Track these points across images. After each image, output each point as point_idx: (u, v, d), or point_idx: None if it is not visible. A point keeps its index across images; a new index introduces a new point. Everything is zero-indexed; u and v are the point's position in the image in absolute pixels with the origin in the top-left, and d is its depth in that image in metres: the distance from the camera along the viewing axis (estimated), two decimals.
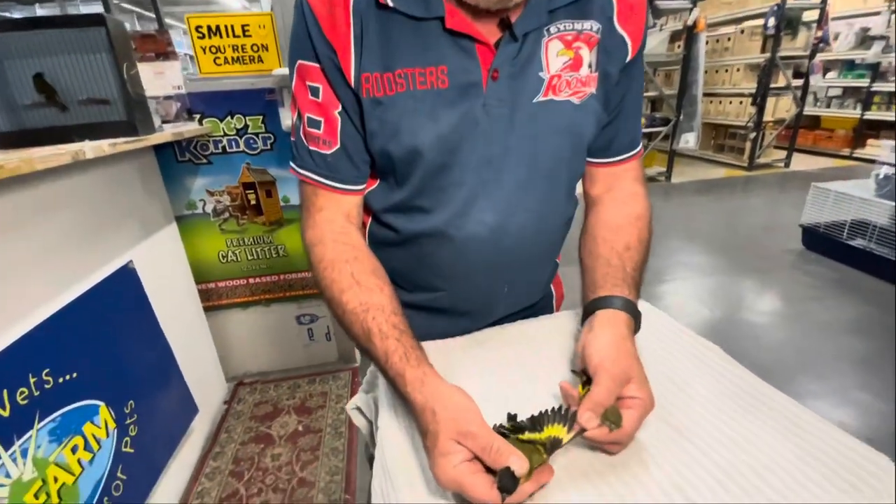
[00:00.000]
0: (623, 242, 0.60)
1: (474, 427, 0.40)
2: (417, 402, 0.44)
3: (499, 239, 0.59)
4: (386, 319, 0.50)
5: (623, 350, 0.48)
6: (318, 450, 1.58)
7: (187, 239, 1.56)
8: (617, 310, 0.53)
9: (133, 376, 1.17)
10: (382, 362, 0.49)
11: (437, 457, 0.40)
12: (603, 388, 0.44)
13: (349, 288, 0.53)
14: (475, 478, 0.39)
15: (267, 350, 1.87)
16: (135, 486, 1.13)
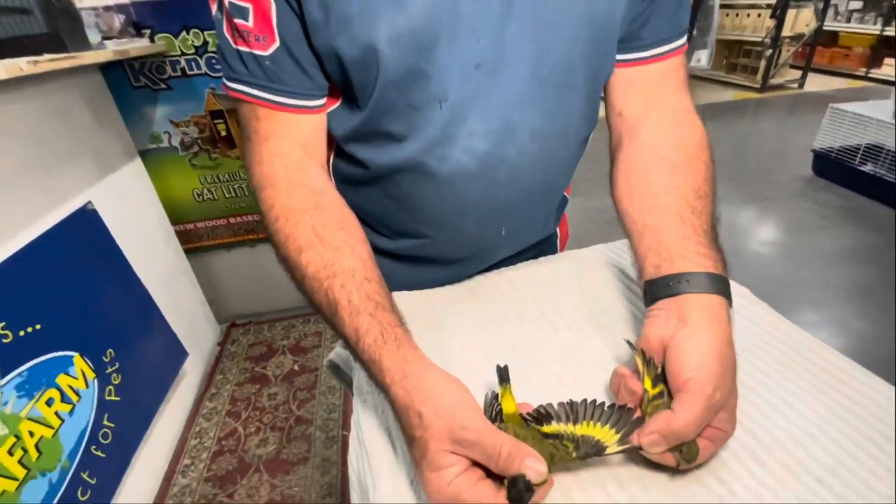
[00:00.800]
0: (692, 187, 0.44)
1: (472, 431, 0.31)
2: (398, 399, 0.34)
3: (493, 171, 0.48)
4: (357, 288, 0.39)
5: (727, 366, 0.35)
6: (315, 388, 1.57)
7: (156, 176, 1.43)
8: (714, 294, 0.38)
9: (109, 324, 1.11)
10: (353, 343, 0.38)
11: (428, 472, 0.31)
12: (690, 417, 0.32)
13: (309, 246, 0.41)
14: (477, 491, 0.30)
15: (258, 291, 1.81)
16: (126, 431, 1.11)
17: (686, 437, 0.32)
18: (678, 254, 0.40)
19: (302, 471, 1.29)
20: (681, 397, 0.33)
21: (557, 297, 0.54)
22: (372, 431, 0.40)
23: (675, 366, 0.35)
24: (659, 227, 0.43)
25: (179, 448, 1.37)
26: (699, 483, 0.34)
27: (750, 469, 0.34)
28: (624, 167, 0.49)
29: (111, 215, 1.18)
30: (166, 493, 1.25)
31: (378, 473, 0.36)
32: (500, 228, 0.54)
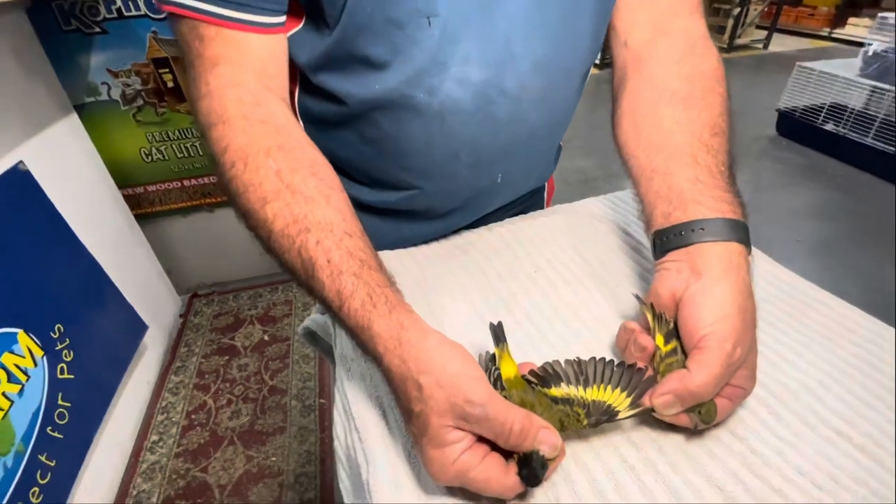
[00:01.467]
0: (707, 123, 0.39)
1: (479, 405, 0.27)
2: (394, 369, 0.30)
3: (491, 107, 0.42)
4: (336, 244, 0.33)
5: (748, 320, 0.32)
6: (288, 357, 1.52)
7: (96, 134, 1.29)
8: (732, 242, 0.34)
9: (55, 297, 1.01)
10: (335, 308, 0.32)
11: (430, 449, 0.28)
12: (708, 376, 0.29)
13: (275, 195, 0.34)
14: (485, 468, 0.27)
15: (219, 260, 1.71)
16: (84, 411, 1.03)
17: (703, 398, 0.30)
18: (691, 199, 0.36)
19: (279, 441, 1.26)
20: (697, 355, 0.31)
21: (553, 253, 0.51)
22: (360, 403, 0.36)
23: (690, 321, 0.32)
24: (669, 171, 0.38)
25: (146, 424, 1.31)
26: (717, 441, 0.32)
27: (766, 423, 0.33)
28: (629, 103, 0.44)
29: (47, 177, 1.05)
30: (135, 471, 1.20)
31: (371, 449, 0.32)
32: (496, 175, 0.49)
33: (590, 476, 0.30)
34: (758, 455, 0.30)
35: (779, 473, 0.29)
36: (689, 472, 0.30)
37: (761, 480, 0.29)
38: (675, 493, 0.29)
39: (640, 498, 0.29)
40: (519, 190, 0.56)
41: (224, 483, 1.17)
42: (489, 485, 0.27)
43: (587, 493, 0.29)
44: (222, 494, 1.14)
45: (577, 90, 0.49)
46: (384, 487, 0.30)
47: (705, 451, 0.31)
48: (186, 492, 1.15)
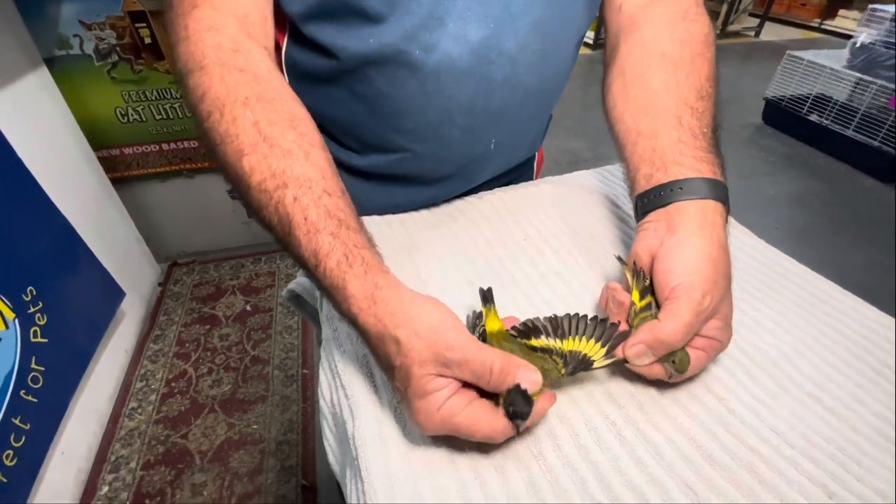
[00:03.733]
0: (694, 86, 0.39)
1: (458, 349, 0.27)
2: (369, 328, 0.29)
3: (488, 68, 0.41)
4: (314, 202, 0.31)
5: (719, 271, 0.32)
6: (270, 328, 1.51)
7: (68, 90, 1.22)
8: (708, 199, 0.35)
9: (25, 259, 0.98)
10: (312, 268, 0.32)
11: (415, 401, 0.28)
12: (679, 324, 0.30)
13: (252, 148, 0.32)
14: (472, 411, 0.28)
15: (200, 228, 1.67)
16: (59, 375, 1.01)
17: (674, 346, 0.31)
18: (672, 160, 0.37)
19: (260, 409, 1.26)
20: (668, 305, 0.32)
21: (542, 222, 0.51)
22: (346, 361, 0.35)
23: (663, 274, 0.33)
24: (654, 133, 0.39)
25: (124, 391, 1.29)
26: (695, 399, 0.33)
27: (744, 384, 0.34)
28: (620, 67, 0.44)
29: (14, 133, 1.00)
30: (113, 437, 1.19)
31: (357, 404, 0.32)
32: (489, 140, 0.48)
33: (572, 431, 0.31)
34: (735, 415, 0.31)
35: (754, 432, 0.30)
36: (669, 428, 0.31)
37: (737, 439, 0.30)
38: (655, 447, 0.30)
39: (621, 451, 0.30)
40: (511, 158, 0.56)
41: (205, 449, 1.17)
42: (477, 428, 0.27)
43: (570, 446, 0.30)
44: (203, 460, 1.14)
45: (572, 57, 0.48)
46: (369, 441, 0.30)
47: (684, 409, 0.32)
48: (166, 457, 1.15)
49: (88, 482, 1.08)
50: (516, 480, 0.28)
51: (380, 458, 0.29)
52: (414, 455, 0.29)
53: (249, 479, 1.11)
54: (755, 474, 0.28)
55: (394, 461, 0.29)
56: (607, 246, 0.47)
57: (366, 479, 0.28)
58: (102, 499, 1.06)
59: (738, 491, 0.27)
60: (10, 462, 0.82)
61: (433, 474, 0.28)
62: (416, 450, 0.29)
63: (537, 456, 0.29)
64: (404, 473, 0.28)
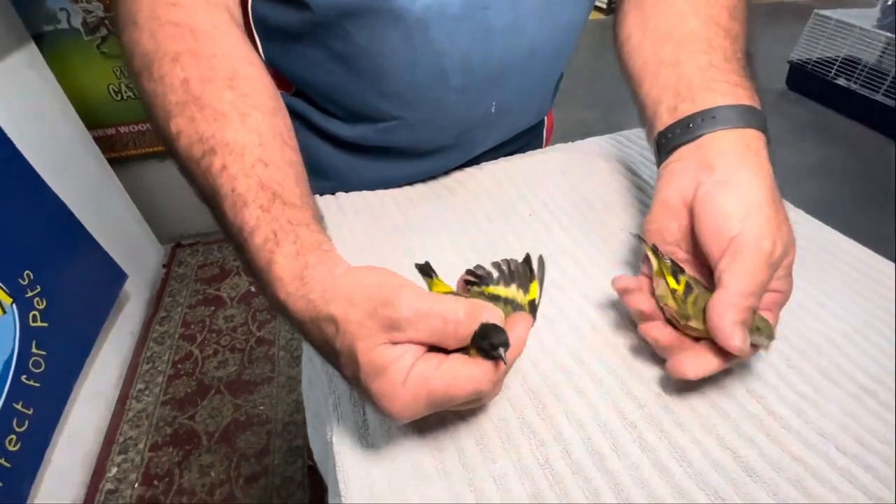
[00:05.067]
0: (725, 5, 0.34)
1: (404, 304, 0.22)
2: (300, 314, 0.24)
3: (485, 13, 0.35)
4: (245, 172, 0.27)
5: (781, 210, 0.27)
6: None
7: (59, 67, 1.18)
8: (749, 128, 0.29)
9: (20, 242, 0.95)
10: (239, 247, 0.27)
11: (373, 382, 0.22)
12: (754, 284, 0.25)
13: (180, 109, 0.28)
14: (446, 370, 0.22)
15: (202, 208, 1.59)
16: (62, 359, 1.00)
17: (755, 304, 0.25)
18: (702, 87, 0.31)
19: (266, 390, 1.25)
20: (731, 263, 0.25)
21: (550, 194, 0.46)
22: None
23: (712, 224, 0.27)
24: (679, 60, 0.33)
25: (130, 373, 1.29)
26: (729, 398, 0.28)
27: (785, 378, 0.29)
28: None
29: (4, 112, 0.97)
30: (121, 418, 1.19)
31: (337, 403, 0.28)
32: (489, 102, 0.42)
33: (584, 434, 0.27)
34: (776, 416, 0.27)
35: (798, 437, 0.26)
36: (698, 431, 0.26)
37: (779, 446, 0.26)
38: (682, 453, 0.25)
39: (642, 457, 0.25)
40: (515, 124, 0.50)
41: (212, 430, 1.16)
42: (458, 386, 0.22)
43: (581, 452, 0.26)
44: (210, 441, 1.14)
45: (585, 5, 0.42)
46: (349, 446, 0.26)
47: (717, 410, 0.27)
48: (174, 439, 1.15)
49: (97, 464, 1.08)
50: (518, 493, 0.24)
51: (360, 468, 0.25)
52: (400, 463, 0.25)
53: (256, 460, 1.10)
54: (803, 490, 0.23)
55: (376, 471, 0.25)
56: (625, 218, 0.42)
57: (343, 493, 0.24)
58: (111, 480, 1.07)
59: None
60: (13, 447, 0.82)
61: (422, 486, 0.24)
62: (403, 457, 0.26)
63: (543, 464, 0.25)
64: (388, 485, 0.24)
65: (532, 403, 0.28)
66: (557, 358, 0.31)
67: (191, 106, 0.28)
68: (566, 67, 0.49)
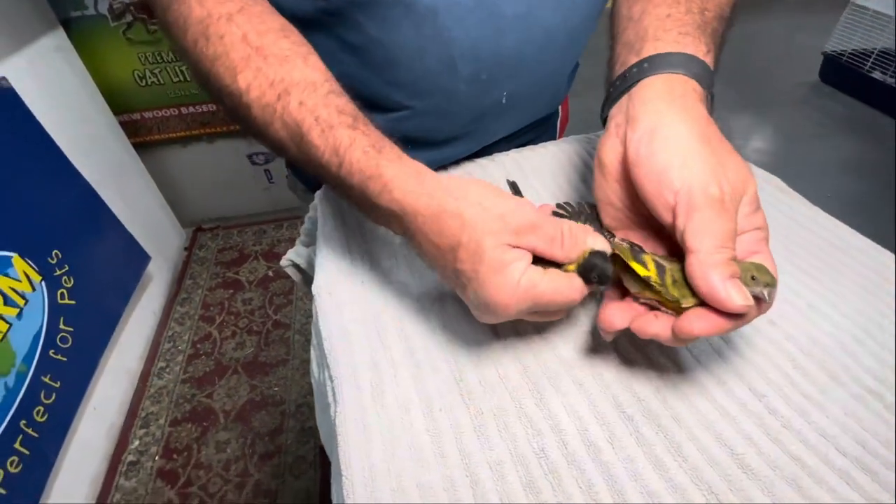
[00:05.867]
0: None
1: (528, 214, 0.25)
2: (422, 209, 0.26)
3: (496, 7, 0.35)
4: (323, 101, 0.29)
5: (718, 145, 0.26)
6: (292, 294, 1.52)
7: (86, 53, 1.21)
8: (674, 73, 0.28)
9: (50, 222, 0.99)
10: (335, 168, 0.28)
11: (492, 276, 0.24)
12: (720, 236, 0.23)
13: (245, 63, 0.30)
14: (551, 278, 0.25)
15: (222, 194, 1.67)
16: (88, 335, 1.05)
17: (733, 259, 0.23)
18: (651, 37, 0.30)
19: (281, 372, 1.29)
20: (686, 221, 0.23)
21: (560, 188, 0.45)
22: (333, 337, 0.32)
23: (650, 183, 0.25)
24: (643, 13, 0.32)
25: (153, 351, 1.34)
26: (730, 396, 0.28)
27: (791, 378, 0.29)
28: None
29: (34, 96, 1.00)
30: (143, 394, 1.24)
31: (340, 386, 0.29)
32: (500, 92, 0.42)
33: (581, 425, 0.27)
34: (777, 416, 0.27)
35: (798, 437, 0.26)
36: (696, 427, 0.26)
37: (778, 445, 0.25)
38: (678, 448, 0.26)
39: (637, 451, 0.26)
40: (527, 115, 0.49)
41: (228, 409, 1.20)
42: (560, 293, 0.25)
43: (577, 443, 0.26)
44: (226, 419, 1.18)
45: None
46: (351, 429, 0.27)
47: (716, 407, 0.27)
48: (192, 415, 1.19)
49: (120, 436, 1.13)
50: (513, 480, 0.25)
51: (361, 450, 0.26)
52: (399, 447, 0.26)
53: (270, 439, 1.14)
54: (798, 489, 0.23)
55: (376, 454, 0.26)
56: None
57: (345, 472, 0.25)
58: (133, 452, 1.11)
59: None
60: (41, 418, 0.86)
61: (419, 470, 0.25)
62: (402, 441, 0.26)
63: (538, 453, 0.26)
64: (387, 468, 0.25)
65: (531, 394, 0.28)
66: (558, 350, 0.31)
67: (255, 57, 0.30)
68: (585, 54, 0.48)
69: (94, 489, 1.03)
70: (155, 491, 1.05)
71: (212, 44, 0.30)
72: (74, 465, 0.97)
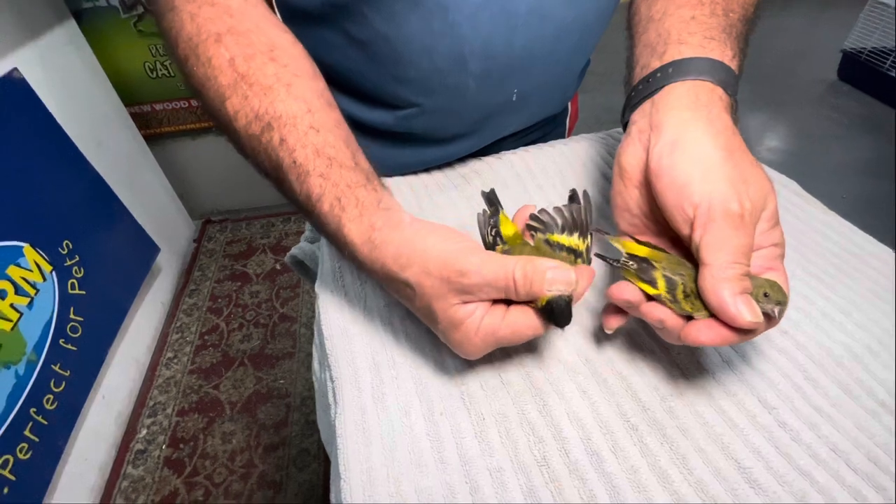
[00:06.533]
0: None
1: (474, 272, 0.24)
2: (378, 274, 0.28)
3: (507, 3, 0.35)
4: (300, 141, 0.29)
5: (741, 158, 0.25)
6: (299, 287, 1.53)
7: (97, 44, 1.22)
8: (699, 80, 0.27)
9: (60, 213, 1.00)
10: (308, 214, 0.30)
11: (451, 334, 0.26)
12: (736, 253, 0.23)
13: (233, 90, 0.30)
14: (511, 320, 0.25)
15: (231, 186, 1.68)
16: (97, 325, 1.06)
17: (746, 275, 0.23)
18: (675, 40, 0.29)
19: (287, 365, 1.29)
20: (703, 235, 0.23)
21: (568, 188, 0.45)
22: (334, 337, 0.32)
23: (671, 194, 0.25)
24: (665, 13, 0.31)
25: (161, 342, 1.35)
26: (739, 408, 0.27)
27: (802, 390, 0.28)
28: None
29: (45, 88, 1.00)
30: (151, 384, 1.25)
31: (341, 388, 0.29)
32: (510, 90, 0.41)
33: (584, 433, 0.26)
34: (786, 429, 0.26)
35: (808, 452, 0.25)
36: (702, 438, 0.26)
37: (786, 459, 0.25)
38: (683, 460, 0.25)
39: (641, 461, 0.25)
40: (537, 112, 0.49)
41: (234, 400, 1.21)
42: (520, 334, 0.26)
43: (580, 452, 0.26)
44: (232, 410, 1.19)
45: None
46: (350, 431, 0.27)
47: (724, 418, 0.27)
48: (199, 406, 1.20)
49: (129, 425, 1.15)
50: (513, 488, 0.24)
51: (361, 453, 0.26)
52: (399, 451, 0.26)
53: (275, 431, 1.15)
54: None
55: (376, 457, 0.26)
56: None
57: (343, 475, 0.25)
58: (141, 441, 1.13)
59: None
60: (50, 406, 0.88)
61: (418, 475, 0.25)
62: (402, 444, 0.26)
63: (540, 461, 0.25)
64: (386, 472, 0.25)
65: (534, 400, 0.28)
66: (563, 356, 0.30)
67: (241, 84, 0.30)
68: (598, 48, 0.47)
69: (103, 476, 1.04)
70: (162, 479, 1.06)
71: (201, 64, 0.30)
72: (83, 452, 0.99)
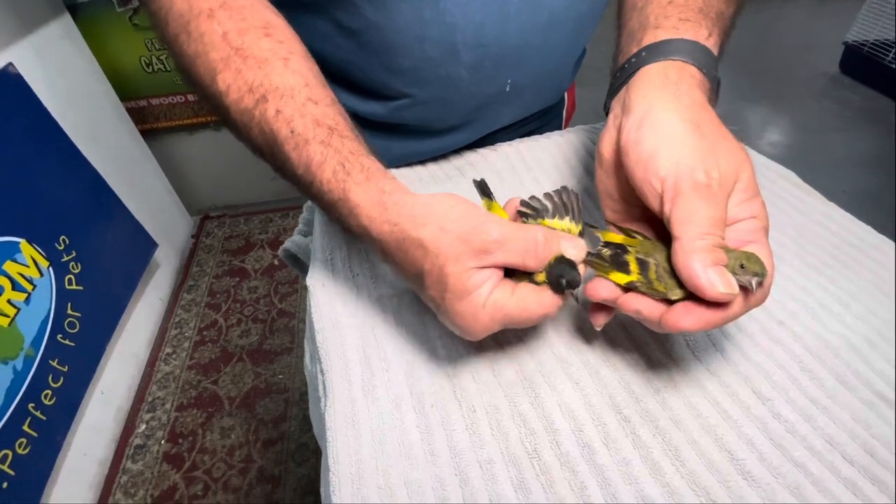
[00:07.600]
0: None
1: (495, 229, 0.24)
2: (385, 237, 0.26)
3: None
4: (299, 112, 0.28)
5: (710, 132, 0.24)
6: (297, 282, 1.53)
7: (92, 39, 1.21)
8: (671, 60, 0.27)
9: (57, 209, 1.00)
10: (307, 185, 0.28)
11: (456, 303, 0.24)
12: (704, 225, 0.22)
13: (225, 64, 0.29)
14: (519, 297, 0.24)
15: (229, 182, 1.68)
16: (95, 321, 1.06)
17: (719, 246, 0.22)
18: (652, 25, 0.29)
19: (286, 360, 1.29)
20: (672, 208, 0.23)
21: (564, 179, 0.44)
22: (326, 330, 0.32)
23: (640, 170, 0.24)
24: (648, 1, 0.31)
25: (160, 338, 1.35)
26: (733, 399, 0.27)
27: (798, 381, 0.27)
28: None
29: (40, 82, 1.00)
30: (150, 379, 1.25)
31: (331, 380, 0.28)
32: (503, 80, 0.41)
33: (576, 425, 0.26)
34: (781, 420, 0.26)
35: (803, 443, 0.25)
36: (696, 430, 0.25)
37: (781, 451, 0.24)
38: (676, 452, 0.25)
39: (633, 454, 0.25)
40: (532, 103, 0.48)
41: (233, 395, 1.21)
42: (529, 311, 0.24)
43: (571, 444, 0.25)
44: (231, 405, 1.19)
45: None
46: (340, 423, 0.26)
47: (718, 409, 0.26)
48: (198, 401, 1.21)
49: (128, 420, 1.15)
50: (503, 480, 0.24)
51: (350, 446, 0.25)
52: (388, 443, 0.26)
53: (274, 426, 1.15)
54: (801, 497, 0.22)
55: (365, 449, 0.25)
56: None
57: (332, 467, 0.24)
58: (140, 436, 1.13)
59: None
60: (48, 401, 0.88)
61: (407, 467, 0.25)
62: (392, 437, 0.26)
63: (531, 453, 0.25)
64: (375, 464, 0.25)
65: (525, 392, 0.28)
66: (555, 348, 0.30)
67: (234, 58, 0.29)
68: (594, 41, 0.46)
69: (102, 471, 1.05)
70: (161, 474, 1.07)
71: (192, 40, 0.29)
72: (82, 447, 0.99)
